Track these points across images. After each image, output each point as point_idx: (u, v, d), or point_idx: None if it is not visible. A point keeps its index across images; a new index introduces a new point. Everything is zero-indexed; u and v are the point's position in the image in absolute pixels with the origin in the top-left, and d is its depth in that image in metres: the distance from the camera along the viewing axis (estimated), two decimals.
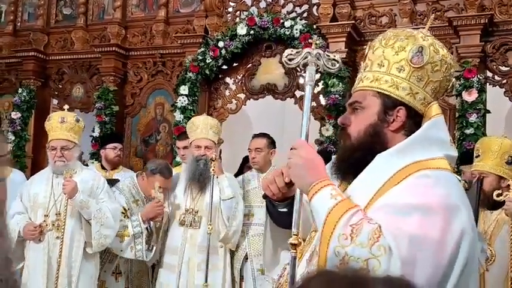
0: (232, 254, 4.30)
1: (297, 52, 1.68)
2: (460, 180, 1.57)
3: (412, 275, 1.26)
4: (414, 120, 1.53)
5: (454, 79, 1.62)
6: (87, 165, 5.58)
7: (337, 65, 1.65)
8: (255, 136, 4.66)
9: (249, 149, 4.61)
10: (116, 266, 4.43)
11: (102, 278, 4.37)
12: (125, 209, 4.21)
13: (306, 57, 1.65)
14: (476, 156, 3.54)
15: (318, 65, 1.65)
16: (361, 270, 1.18)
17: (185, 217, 4.11)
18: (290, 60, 1.67)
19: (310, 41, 1.77)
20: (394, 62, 1.53)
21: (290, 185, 1.63)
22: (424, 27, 1.64)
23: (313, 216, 1.51)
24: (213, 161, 3.92)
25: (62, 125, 3.95)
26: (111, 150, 5.34)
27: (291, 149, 1.57)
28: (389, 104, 1.53)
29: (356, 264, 1.28)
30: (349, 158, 1.59)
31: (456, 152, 1.59)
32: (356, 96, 1.60)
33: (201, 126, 4.16)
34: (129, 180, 4.45)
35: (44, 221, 3.87)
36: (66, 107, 4.34)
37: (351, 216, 1.37)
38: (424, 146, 1.49)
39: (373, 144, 1.54)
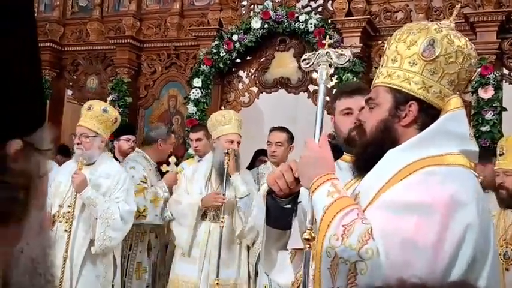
0: (248, 249, 4.30)
1: (310, 55, 1.71)
2: (477, 176, 1.52)
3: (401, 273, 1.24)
4: (428, 114, 1.50)
5: (478, 69, 1.59)
6: None
7: (345, 59, 1.66)
8: (275, 129, 4.60)
9: (268, 142, 4.57)
10: (148, 242, 4.51)
11: (138, 260, 4.43)
12: (145, 178, 4.35)
13: (319, 58, 1.68)
14: (500, 154, 3.47)
15: (331, 64, 1.67)
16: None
17: (207, 211, 4.12)
18: (307, 64, 1.71)
19: (323, 41, 1.78)
20: (407, 56, 1.52)
21: (298, 180, 1.62)
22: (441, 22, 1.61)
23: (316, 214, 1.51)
24: (229, 154, 3.93)
25: (88, 112, 3.86)
26: (124, 142, 5.35)
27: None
28: (401, 99, 1.52)
29: (344, 266, 1.28)
30: (363, 155, 1.60)
31: (477, 146, 1.54)
32: (371, 93, 1.61)
33: (233, 121, 4.14)
34: (137, 154, 4.57)
35: (58, 211, 3.75)
36: (109, 98, 4.33)
37: (344, 216, 1.37)
38: (439, 140, 1.46)
39: (384, 140, 1.53)
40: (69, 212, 3.71)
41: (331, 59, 1.67)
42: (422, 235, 1.28)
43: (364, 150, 1.60)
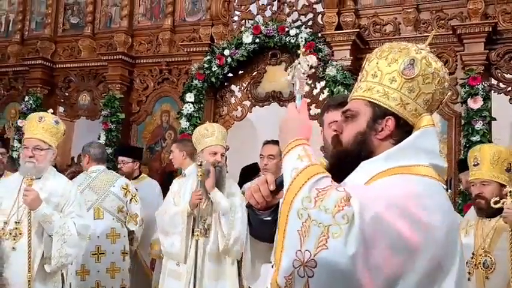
0: (239, 262, 4.29)
1: (290, 67, 1.76)
2: (446, 190, 1.57)
3: (367, 253, 1.26)
4: (403, 130, 1.55)
5: (449, 92, 1.65)
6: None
7: (309, 67, 1.71)
8: (268, 142, 4.63)
9: (261, 155, 4.59)
10: None
11: None
12: None
13: (294, 70, 1.73)
14: (475, 165, 3.47)
15: (304, 72, 1.71)
16: None
17: (194, 225, 4.11)
18: (290, 76, 1.75)
19: (298, 51, 1.83)
20: (387, 72, 1.57)
21: (275, 193, 1.63)
22: (428, 35, 1.67)
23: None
24: (201, 166, 3.94)
25: (39, 124, 3.60)
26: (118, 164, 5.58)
27: None
28: (379, 113, 1.56)
29: (317, 228, 1.28)
30: (338, 165, 1.62)
31: (445, 163, 1.59)
32: (349, 105, 1.65)
33: (216, 133, 4.15)
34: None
35: (2, 228, 3.47)
36: (50, 110, 3.94)
37: (318, 181, 1.37)
38: (411, 154, 1.51)
39: (360, 151, 1.57)
40: (16, 228, 3.47)
41: (302, 67, 1.72)
42: (391, 223, 1.30)
43: (340, 161, 1.62)
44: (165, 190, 5.25)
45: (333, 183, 1.39)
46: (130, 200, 4.83)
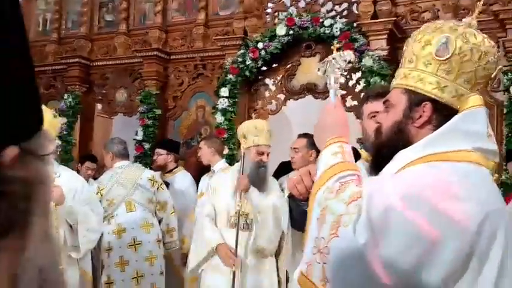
0: (278, 255, 4.28)
1: (322, 63, 1.76)
2: (492, 175, 1.47)
3: (377, 245, 1.23)
4: (444, 115, 1.47)
5: (500, 66, 1.55)
6: None
7: (347, 63, 1.71)
8: (298, 136, 4.62)
9: (290, 148, 4.59)
10: None
11: None
12: None
13: (327, 65, 1.73)
14: None
15: (339, 68, 1.72)
16: None
17: (236, 219, 4.11)
18: (322, 72, 1.76)
19: (332, 47, 1.80)
20: (422, 56, 1.50)
21: None
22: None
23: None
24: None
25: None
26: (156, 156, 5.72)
27: None
28: (416, 100, 1.50)
29: (331, 216, 1.30)
30: (378, 156, 1.60)
31: (495, 145, 1.49)
32: (388, 95, 1.60)
33: (264, 132, 4.11)
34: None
35: None
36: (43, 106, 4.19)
37: (344, 177, 1.40)
38: (450, 139, 1.43)
39: (398, 141, 1.52)
40: None
41: (338, 63, 1.71)
42: (406, 216, 1.25)
43: (379, 152, 1.60)
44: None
45: (358, 179, 1.40)
46: (157, 188, 4.92)
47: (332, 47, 1.80)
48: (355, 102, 5.76)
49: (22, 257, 0.58)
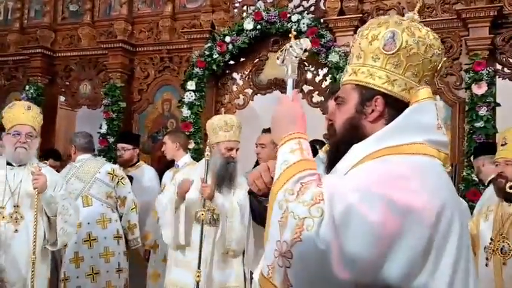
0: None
1: (281, 51, 1.73)
2: (444, 166, 1.49)
3: (341, 244, 1.24)
4: (396, 108, 1.48)
5: (444, 58, 1.57)
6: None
7: (303, 51, 1.67)
8: (263, 131, 4.62)
9: (255, 143, 4.60)
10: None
11: None
12: None
13: (285, 53, 1.69)
14: (502, 145, 3.43)
15: (296, 56, 1.68)
16: None
17: (203, 215, 4.08)
18: (280, 60, 1.72)
19: (290, 35, 1.80)
20: (369, 52, 1.51)
21: None
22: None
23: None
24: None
25: (28, 112, 3.74)
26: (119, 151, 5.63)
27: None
28: (367, 95, 1.50)
29: (293, 220, 1.28)
30: (334, 154, 1.59)
31: (445, 136, 1.51)
32: (339, 92, 1.60)
33: (234, 127, 4.05)
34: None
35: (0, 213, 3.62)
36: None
37: (306, 176, 1.36)
38: (401, 132, 1.45)
39: (352, 137, 1.52)
40: (16, 212, 3.65)
41: (294, 50, 1.68)
42: (364, 211, 1.26)
43: (335, 149, 1.59)
44: None
45: (318, 179, 1.37)
46: (117, 183, 4.83)
47: (290, 35, 1.79)
48: (322, 98, 5.81)
49: None
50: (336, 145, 1.59)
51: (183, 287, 3.98)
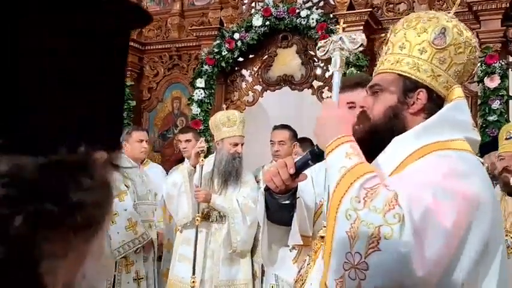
0: (253, 248, 4.26)
1: (325, 42, 1.71)
2: (482, 163, 1.51)
3: (422, 248, 1.22)
4: (435, 103, 1.49)
5: (478, 63, 1.58)
6: None
7: (358, 43, 1.65)
8: (277, 128, 4.56)
9: (271, 141, 4.54)
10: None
11: None
12: None
13: (333, 44, 1.68)
14: (507, 138, 3.42)
15: (344, 49, 1.66)
16: None
17: (210, 211, 4.07)
18: (323, 52, 1.70)
19: (337, 26, 1.77)
20: (416, 43, 1.50)
21: (294, 176, 1.61)
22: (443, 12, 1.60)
23: (327, 176, 1.47)
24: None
25: None
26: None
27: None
28: (410, 86, 1.50)
29: (367, 229, 1.22)
30: (368, 141, 1.55)
31: (479, 136, 1.54)
32: (376, 79, 1.58)
33: (237, 123, 4.04)
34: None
35: None
36: None
37: (367, 181, 1.31)
38: (443, 128, 1.45)
39: (392, 126, 1.51)
40: None
41: (345, 44, 1.66)
42: (441, 212, 1.26)
43: (370, 136, 1.56)
44: None
45: (382, 181, 1.33)
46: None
47: (337, 26, 1.77)
48: (331, 94, 5.75)
49: (80, 267, 0.54)
50: (373, 131, 1.56)
51: (187, 282, 3.98)
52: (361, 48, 1.65)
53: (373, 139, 1.54)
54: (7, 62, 0.47)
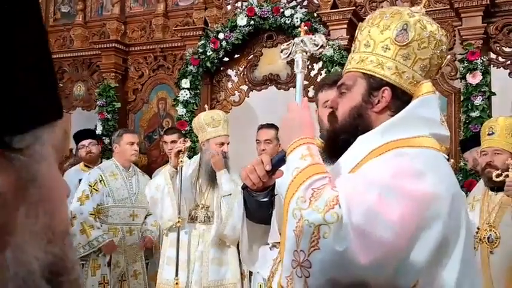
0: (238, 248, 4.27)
1: (287, 45, 1.71)
2: (448, 159, 1.51)
3: (366, 249, 1.22)
4: (402, 100, 1.49)
5: (448, 56, 1.58)
6: None
7: (319, 47, 1.65)
8: (263, 127, 4.58)
9: (257, 140, 4.55)
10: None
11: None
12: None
13: (295, 47, 1.68)
14: (489, 134, 3.45)
15: (306, 51, 1.66)
16: None
17: (196, 212, 4.06)
18: (286, 54, 1.71)
19: (299, 29, 1.77)
20: (380, 41, 1.50)
21: (270, 173, 1.62)
22: (426, 10, 1.61)
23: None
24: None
25: None
26: (82, 149, 5.59)
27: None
28: (375, 84, 1.50)
29: (309, 228, 1.26)
30: (335, 141, 1.58)
31: (447, 131, 1.54)
32: (343, 79, 1.58)
33: (222, 122, 4.04)
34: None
35: None
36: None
37: (315, 181, 1.34)
38: (409, 125, 1.45)
39: (357, 126, 1.51)
40: None
41: (306, 46, 1.66)
42: (386, 209, 1.26)
43: (336, 137, 1.57)
44: None
45: (330, 182, 1.35)
46: None
47: (299, 29, 1.77)
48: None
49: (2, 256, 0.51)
50: (338, 132, 1.57)
51: (172, 284, 3.98)
52: (321, 50, 1.66)
53: (340, 139, 1.55)
54: None
